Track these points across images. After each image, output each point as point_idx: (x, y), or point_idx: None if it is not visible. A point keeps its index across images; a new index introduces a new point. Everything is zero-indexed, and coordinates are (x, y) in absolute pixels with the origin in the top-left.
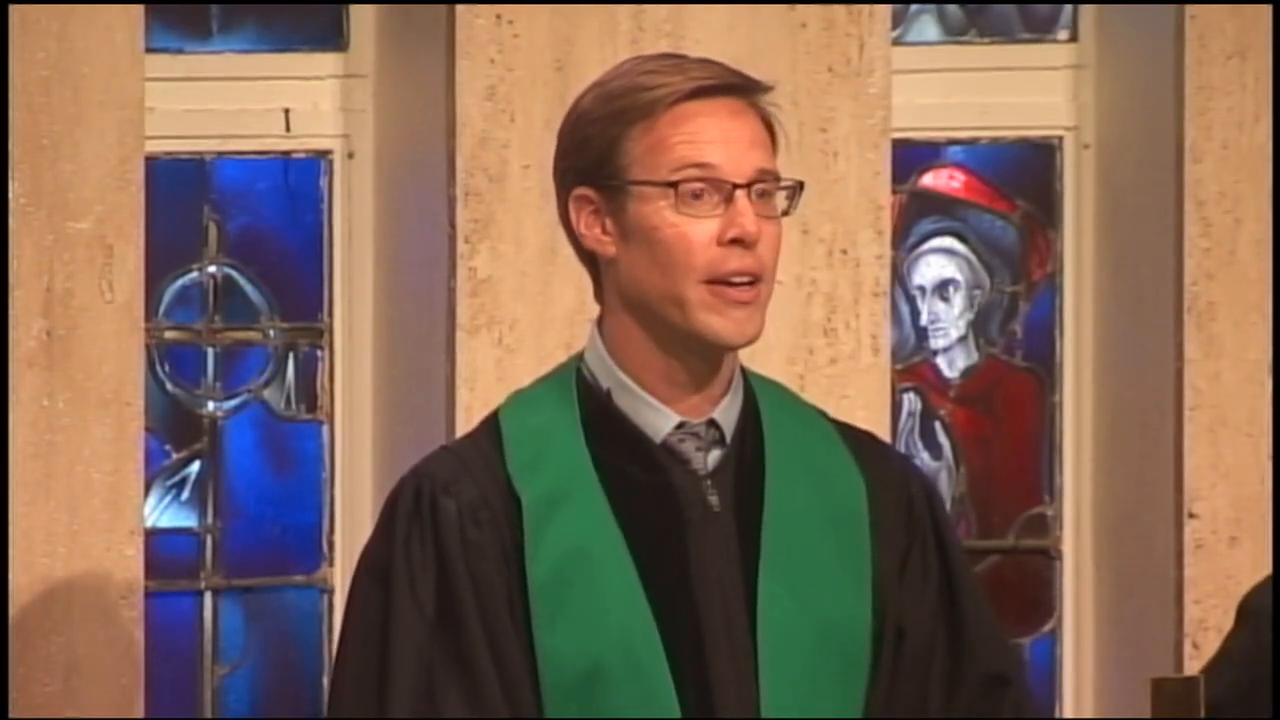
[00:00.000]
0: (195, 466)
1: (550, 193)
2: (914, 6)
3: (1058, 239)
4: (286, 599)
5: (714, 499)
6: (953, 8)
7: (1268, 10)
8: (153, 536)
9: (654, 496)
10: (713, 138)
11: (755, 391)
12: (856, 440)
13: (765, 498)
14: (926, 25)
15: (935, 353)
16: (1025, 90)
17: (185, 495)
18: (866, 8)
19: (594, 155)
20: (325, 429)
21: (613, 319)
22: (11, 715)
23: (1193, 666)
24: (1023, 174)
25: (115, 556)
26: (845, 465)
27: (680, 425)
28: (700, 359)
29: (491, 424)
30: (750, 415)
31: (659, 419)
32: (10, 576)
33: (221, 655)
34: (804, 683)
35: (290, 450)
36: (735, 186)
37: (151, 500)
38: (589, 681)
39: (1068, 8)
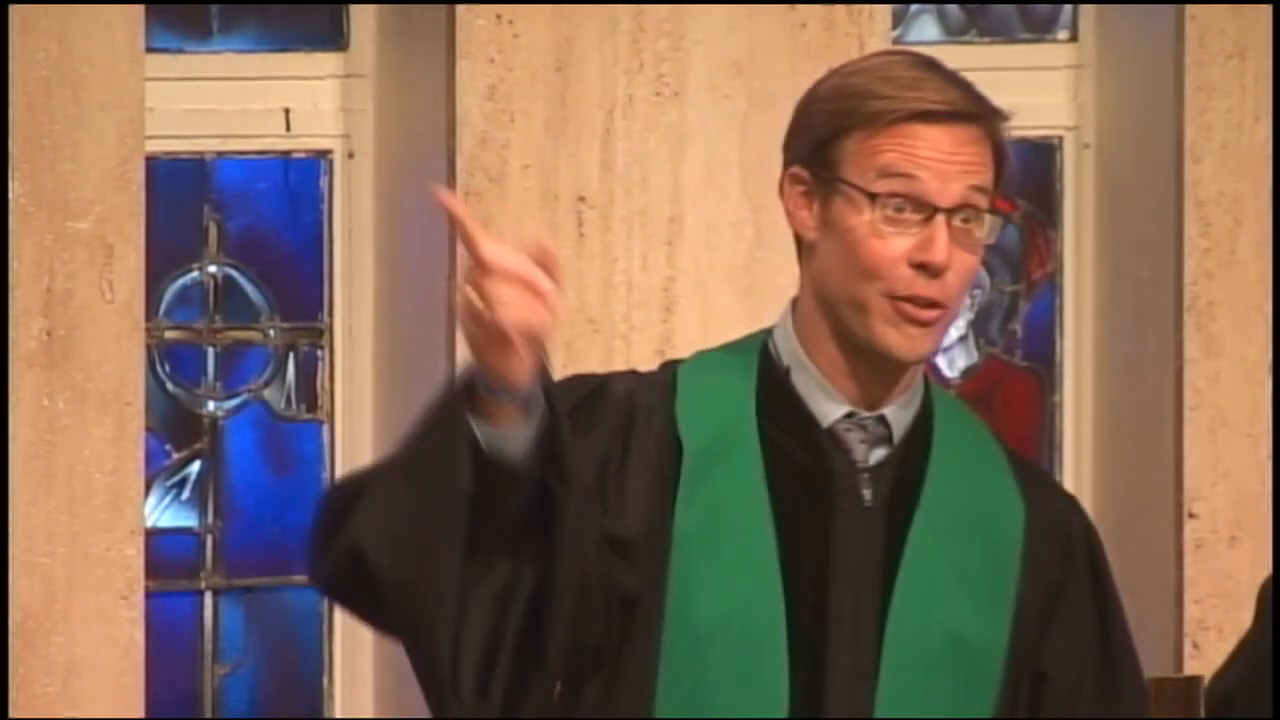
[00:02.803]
0: (195, 466)
1: (550, 193)
2: (914, 6)
3: (1058, 239)
4: (286, 599)
5: (868, 493)
6: (953, 8)
7: (1268, 10)
8: (153, 536)
9: (809, 478)
10: (925, 158)
11: (934, 401)
12: (1024, 470)
13: (919, 503)
14: (926, 25)
15: (935, 352)
16: (1025, 90)
17: (185, 495)
18: (866, 8)
19: (813, 141)
20: (325, 429)
21: (804, 300)
22: (11, 715)
23: (1193, 666)
24: (1023, 174)
25: (115, 556)
26: (1008, 491)
27: (849, 415)
28: (874, 362)
29: (669, 372)
30: (923, 423)
31: (829, 404)
32: (10, 576)
33: (221, 655)
34: (924, 691)
35: (290, 450)
36: (936, 210)
37: (151, 500)
38: (707, 639)
39: (1068, 8)
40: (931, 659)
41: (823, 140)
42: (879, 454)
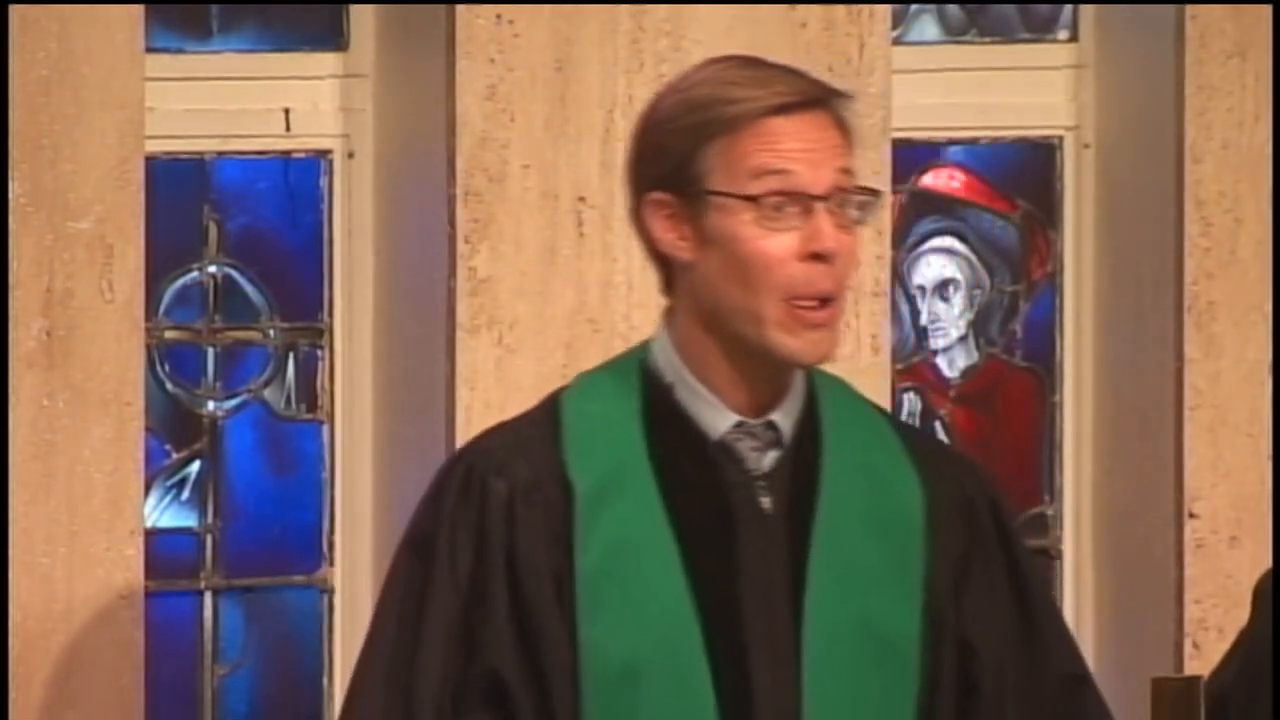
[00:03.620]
0: (195, 466)
1: (550, 193)
2: (914, 6)
3: (1058, 239)
4: (286, 599)
5: (766, 500)
6: (953, 8)
7: (1268, 10)
8: (153, 536)
9: (706, 494)
10: (793, 151)
11: (817, 392)
12: (918, 445)
13: (818, 503)
14: (926, 25)
15: (935, 353)
16: (1025, 90)
17: (185, 495)
18: (866, 8)
19: (672, 162)
20: (325, 429)
21: (682, 318)
22: (11, 715)
23: (1193, 666)
24: (1023, 174)
25: (115, 556)
26: (903, 472)
27: (738, 425)
28: (766, 368)
29: (552, 405)
30: (810, 418)
31: (717, 417)
32: (10, 576)
33: (221, 655)
34: (847, 689)
35: (290, 450)
36: (814, 199)
37: (151, 500)
38: (628, 675)
39: (1068, 8)
40: (850, 656)
41: (682, 158)
42: (771, 458)
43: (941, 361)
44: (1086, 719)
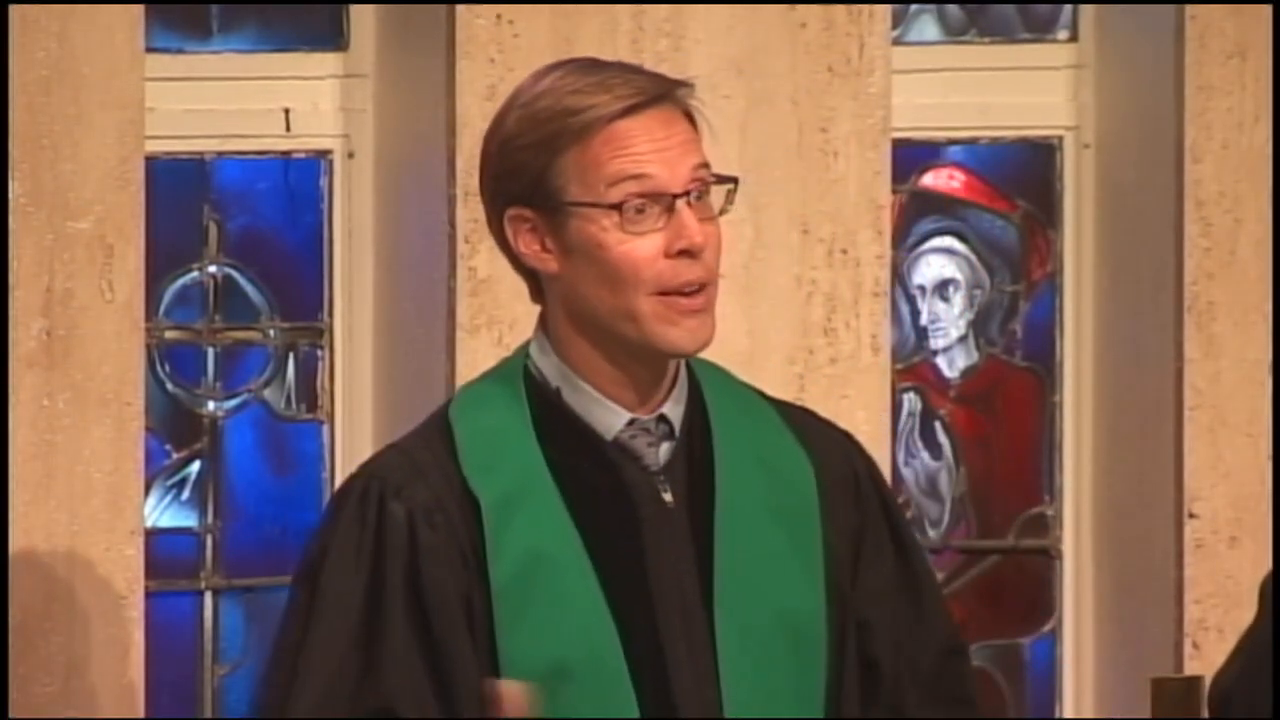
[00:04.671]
0: (195, 466)
1: None
2: (914, 6)
3: (1058, 239)
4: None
5: (667, 495)
6: (953, 8)
7: (1268, 10)
8: (153, 536)
9: (608, 495)
10: (646, 153)
11: (699, 380)
12: (798, 421)
13: (716, 491)
14: (926, 25)
15: (935, 353)
16: (1025, 90)
17: (185, 495)
18: (866, 8)
19: (527, 179)
20: (325, 429)
21: (557, 327)
22: (11, 715)
23: (1193, 666)
24: (1023, 174)
25: (115, 556)
26: (792, 450)
27: (631, 422)
28: (649, 364)
29: (441, 423)
30: (697, 405)
31: (610, 417)
32: (10, 576)
33: (221, 655)
34: (763, 675)
35: (290, 450)
36: (674, 197)
37: (151, 500)
38: (551, 682)
39: (1068, 8)
40: (765, 641)
41: (537, 174)
42: (666, 451)
43: (941, 361)
44: (965, 689)
